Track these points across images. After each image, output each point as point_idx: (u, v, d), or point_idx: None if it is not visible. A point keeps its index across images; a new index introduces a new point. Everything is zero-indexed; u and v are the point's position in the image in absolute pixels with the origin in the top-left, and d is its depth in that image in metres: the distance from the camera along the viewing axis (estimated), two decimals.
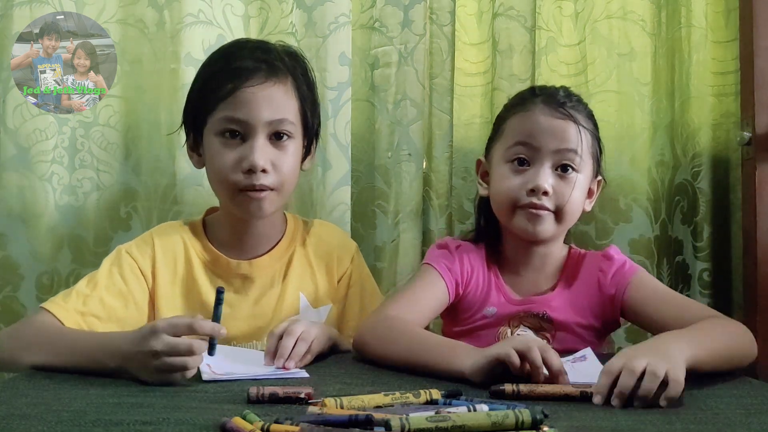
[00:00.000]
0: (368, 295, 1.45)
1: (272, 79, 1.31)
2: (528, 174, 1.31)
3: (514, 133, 1.34)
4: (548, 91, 1.38)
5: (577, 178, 1.31)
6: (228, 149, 1.30)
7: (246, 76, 1.29)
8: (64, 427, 0.80)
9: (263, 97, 1.30)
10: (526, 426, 0.78)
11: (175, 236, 1.39)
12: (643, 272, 1.38)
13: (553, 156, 1.30)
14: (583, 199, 1.35)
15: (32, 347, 1.14)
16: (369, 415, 0.78)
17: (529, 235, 1.33)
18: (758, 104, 1.64)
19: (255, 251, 1.40)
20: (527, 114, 1.33)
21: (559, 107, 1.32)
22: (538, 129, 1.31)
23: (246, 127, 1.30)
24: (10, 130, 1.64)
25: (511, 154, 1.33)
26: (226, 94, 1.29)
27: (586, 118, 1.35)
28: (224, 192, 1.34)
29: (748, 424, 0.88)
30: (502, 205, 1.34)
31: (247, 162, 1.28)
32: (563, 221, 1.33)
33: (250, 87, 1.29)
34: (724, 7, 1.75)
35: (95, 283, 1.30)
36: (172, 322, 1.04)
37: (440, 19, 1.73)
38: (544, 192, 1.29)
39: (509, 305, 1.36)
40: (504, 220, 1.36)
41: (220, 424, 0.79)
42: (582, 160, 1.32)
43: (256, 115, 1.29)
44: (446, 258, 1.37)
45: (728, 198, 1.75)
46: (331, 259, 1.44)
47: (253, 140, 1.29)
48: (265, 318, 1.38)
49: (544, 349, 1.03)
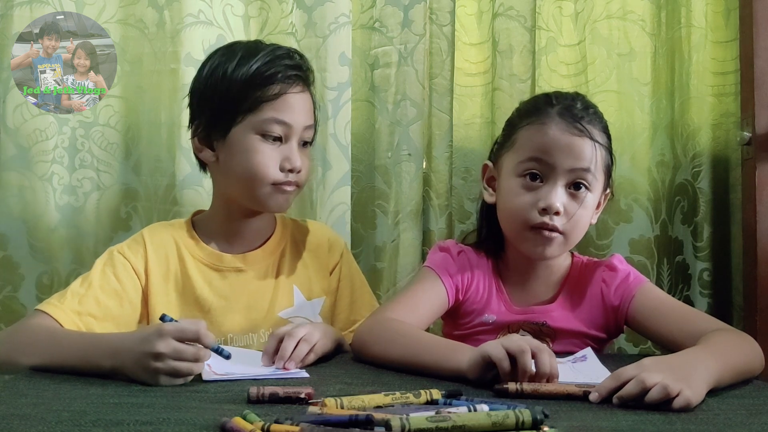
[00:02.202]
0: (358, 288, 1.49)
1: (305, 86, 1.39)
2: (540, 192, 1.27)
3: (528, 146, 1.29)
4: (565, 102, 1.31)
5: (587, 195, 1.28)
6: (268, 147, 1.34)
7: (291, 81, 1.35)
8: (64, 427, 0.80)
9: (302, 103, 1.37)
10: (526, 426, 0.78)
11: (166, 234, 1.40)
12: (649, 284, 1.36)
13: (568, 175, 1.27)
14: (591, 216, 1.32)
15: (28, 349, 1.14)
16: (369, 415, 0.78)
17: (536, 256, 1.31)
18: (758, 104, 1.64)
19: (247, 246, 1.42)
20: (543, 127, 1.28)
21: (576, 122, 1.27)
22: (554, 146, 1.26)
23: (288, 130, 1.35)
24: (10, 130, 1.64)
25: (523, 169, 1.29)
26: (274, 96, 1.34)
27: (601, 133, 1.30)
28: (257, 186, 1.35)
29: (748, 424, 0.88)
30: (512, 223, 1.31)
31: (290, 163, 1.35)
32: (570, 241, 1.30)
33: (294, 93, 1.36)
34: (724, 7, 1.75)
35: (89, 283, 1.30)
36: (181, 327, 1.04)
37: (440, 19, 1.73)
38: (556, 212, 1.26)
39: (509, 314, 1.35)
40: (512, 237, 1.34)
41: (220, 424, 0.79)
42: (596, 178, 1.29)
43: (299, 119, 1.36)
44: (447, 262, 1.36)
45: (728, 198, 1.75)
46: (322, 252, 1.47)
47: (292, 143, 1.36)
48: (261, 311, 1.39)
49: (539, 351, 1.01)
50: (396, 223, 1.70)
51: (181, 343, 1.03)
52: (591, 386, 0.97)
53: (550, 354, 1.02)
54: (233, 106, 1.34)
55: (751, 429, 0.85)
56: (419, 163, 1.71)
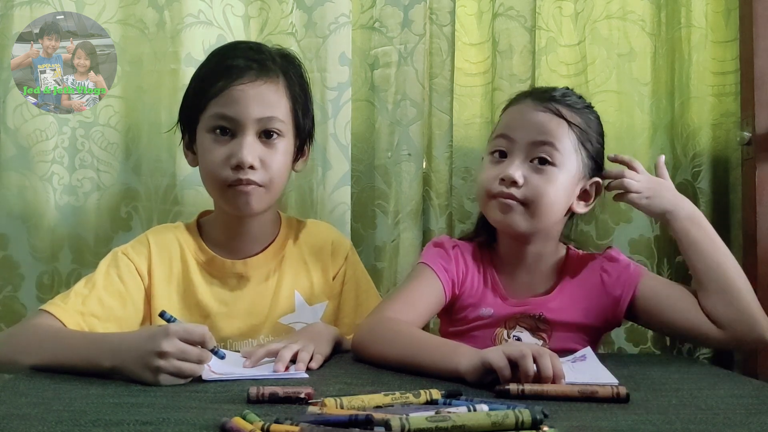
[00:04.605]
0: (363, 292, 1.46)
1: (263, 77, 1.33)
2: (503, 165, 1.31)
3: (498, 127, 1.37)
4: (542, 89, 1.39)
5: (554, 172, 1.30)
6: (218, 145, 1.32)
7: (237, 74, 1.31)
8: (64, 427, 0.80)
9: (253, 94, 1.31)
10: (526, 426, 0.78)
11: (170, 236, 1.40)
12: (649, 274, 1.39)
13: (529, 148, 1.30)
14: (565, 197, 1.32)
15: (29, 348, 1.14)
16: (369, 415, 0.77)
17: (501, 225, 1.34)
18: (758, 104, 1.64)
19: (249, 251, 1.41)
20: (513, 108, 1.36)
21: (545, 101, 1.32)
22: (518, 121, 1.32)
23: (236, 124, 1.31)
24: (10, 130, 1.64)
25: (492, 147, 1.35)
26: (217, 92, 1.31)
27: (577, 115, 1.32)
28: (214, 188, 1.35)
29: (748, 424, 0.88)
30: (479, 196, 1.36)
31: (236, 158, 1.30)
32: (536, 215, 1.30)
33: (241, 85, 1.31)
34: (724, 7, 1.75)
35: (93, 283, 1.30)
36: (187, 328, 1.04)
37: (440, 19, 1.73)
38: (513, 182, 1.28)
39: (506, 306, 1.36)
40: (483, 212, 1.37)
41: (220, 424, 0.79)
42: (562, 155, 1.30)
43: (246, 112, 1.31)
44: (442, 257, 1.37)
45: (728, 198, 1.75)
46: (325, 256, 1.45)
47: (242, 137, 1.31)
48: (261, 316, 1.39)
49: (540, 356, 1.01)
50: (396, 222, 1.70)
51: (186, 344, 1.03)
52: (590, 386, 0.97)
53: (552, 356, 1.02)
54: (194, 109, 1.35)
55: (751, 429, 0.85)
56: (419, 163, 1.71)
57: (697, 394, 1.02)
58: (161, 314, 1.09)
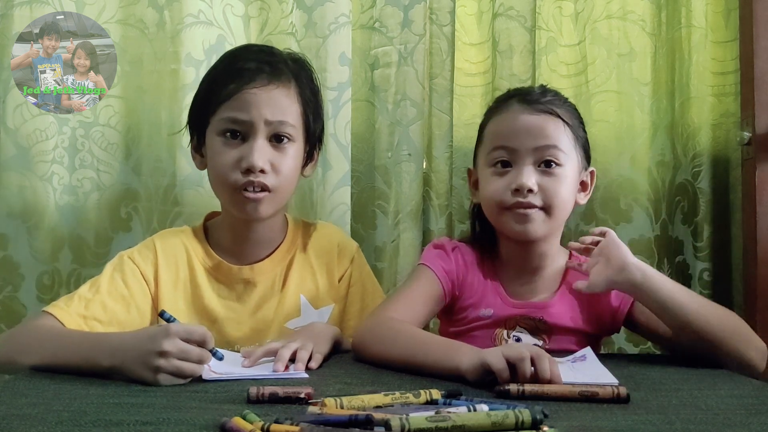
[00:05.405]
0: (369, 294, 1.46)
1: (275, 81, 1.33)
2: (510, 175, 1.30)
3: (491, 137, 1.35)
4: (523, 90, 1.38)
5: (562, 172, 1.30)
6: (228, 149, 1.32)
7: (248, 77, 1.31)
8: (64, 427, 0.80)
9: (265, 98, 1.31)
10: (526, 426, 0.78)
11: (177, 242, 1.39)
12: None
13: (534, 154, 1.30)
14: (573, 192, 1.34)
15: (29, 348, 1.14)
16: (369, 415, 0.78)
17: (520, 236, 1.32)
18: (758, 104, 1.64)
19: (256, 255, 1.40)
20: (502, 116, 1.34)
21: (534, 104, 1.32)
22: (514, 130, 1.31)
23: (246, 128, 1.31)
24: (10, 130, 1.64)
25: (492, 159, 1.33)
26: (229, 95, 1.31)
27: (565, 111, 1.33)
28: (223, 191, 1.35)
29: (748, 424, 0.88)
30: (491, 209, 1.34)
31: (246, 161, 1.29)
32: (553, 217, 1.31)
33: (252, 88, 1.31)
34: (724, 7, 1.75)
35: (98, 287, 1.30)
36: (189, 329, 1.04)
37: (440, 19, 1.73)
38: (529, 190, 1.28)
39: (506, 307, 1.36)
40: (496, 225, 1.36)
41: (220, 424, 0.79)
42: (565, 153, 1.31)
43: (257, 115, 1.30)
44: (442, 258, 1.37)
45: (728, 198, 1.75)
46: (331, 258, 1.45)
47: (253, 141, 1.31)
48: (267, 321, 1.39)
49: (538, 358, 1.01)
50: (396, 223, 1.70)
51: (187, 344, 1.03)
52: (590, 386, 0.97)
53: (550, 360, 1.02)
54: (204, 112, 1.34)
55: (751, 429, 0.85)
56: (419, 163, 1.71)
57: (697, 394, 1.01)
58: (161, 314, 1.09)
